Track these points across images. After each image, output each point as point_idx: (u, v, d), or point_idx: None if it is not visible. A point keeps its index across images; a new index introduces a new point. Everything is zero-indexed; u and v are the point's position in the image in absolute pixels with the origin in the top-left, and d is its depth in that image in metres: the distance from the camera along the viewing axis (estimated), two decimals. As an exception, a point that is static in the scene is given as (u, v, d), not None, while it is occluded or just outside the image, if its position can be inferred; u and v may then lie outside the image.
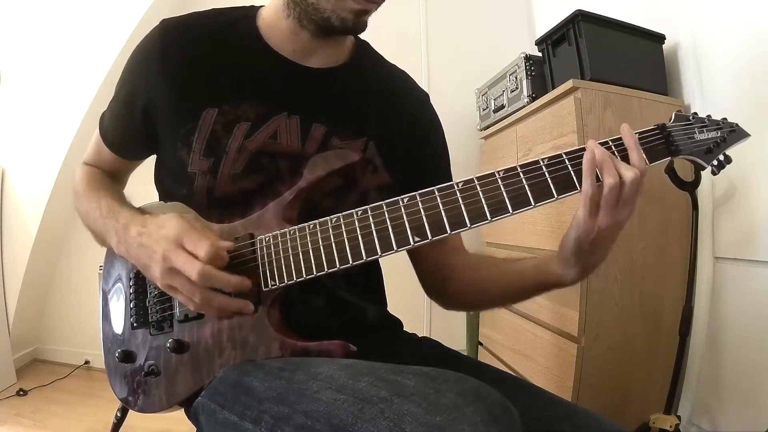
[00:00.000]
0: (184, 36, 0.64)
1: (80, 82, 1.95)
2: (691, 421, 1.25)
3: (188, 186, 0.62)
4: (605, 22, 1.29)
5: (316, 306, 0.65)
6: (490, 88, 1.81)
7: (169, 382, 0.60)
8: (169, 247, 0.53)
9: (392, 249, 0.52)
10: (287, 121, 0.63)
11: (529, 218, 1.40)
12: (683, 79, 1.31)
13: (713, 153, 0.55)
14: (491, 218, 0.50)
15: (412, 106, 0.75)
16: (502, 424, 0.38)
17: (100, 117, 0.73)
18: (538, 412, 0.54)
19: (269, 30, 0.66)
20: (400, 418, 0.37)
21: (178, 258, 0.52)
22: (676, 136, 0.54)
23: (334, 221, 0.54)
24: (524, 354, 1.45)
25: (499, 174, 0.51)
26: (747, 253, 1.13)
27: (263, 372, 0.51)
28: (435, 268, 0.74)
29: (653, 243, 1.22)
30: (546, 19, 1.99)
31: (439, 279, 0.74)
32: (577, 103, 1.17)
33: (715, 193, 1.22)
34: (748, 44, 1.11)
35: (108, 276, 0.71)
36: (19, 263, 2.02)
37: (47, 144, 1.99)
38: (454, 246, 0.74)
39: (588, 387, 1.17)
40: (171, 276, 0.53)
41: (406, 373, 0.43)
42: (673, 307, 1.21)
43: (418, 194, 0.52)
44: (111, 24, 1.93)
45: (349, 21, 0.59)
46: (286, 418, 0.43)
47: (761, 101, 1.06)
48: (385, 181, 0.68)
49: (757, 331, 1.09)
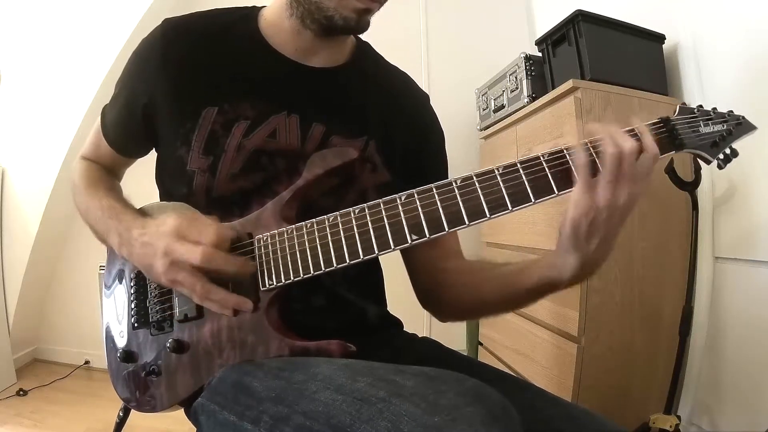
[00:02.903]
0: (185, 35, 0.64)
1: (80, 81, 1.95)
2: (691, 421, 1.25)
3: (187, 184, 0.62)
4: (605, 22, 1.29)
5: (316, 305, 0.65)
6: (490, 88, 1.81)
7: (170, 382, 0.60)
8: (169, 240, 0.53)
9: (390, 247, 0.51)
10: (287, 120, 0.63)
11: (529, 218, 1.40)
12: (683, 79, 1.31)
13: (719, 146, 0.53)
14: (490, 215, 0.49)
15: (412, 106, 0.75)
16: (502, 424, 0.37)
17: (102, 110, 0.73)
18: (538, 412, 0.54)
19: (271, 30, 0.66)
20: (398, 419, 0.37)
21: (179, 248, 0.52)
22: (681, 129, 0.52)
23: (332, 220, 0.54)
24: (524, 354, 1.45)
25: (498, 170, 0.50)
26: (747, 253, 1.13)
27: (262, 372, 0.51)
28: (431, 272, 0.72)
29: (653, 243, 1.22)
30: (546, 19, 1.99)
31: (436, 284, 0.72)
32: (577, 103, 1.17)
33: (715, 193, 1.22)
34: (748, 44, 1.11)
35: (109, 276, 0.71)
36: (19, 263, 2.02)
37: (47, 144, 1.99)
38: (451, 249, 0.72)
39: (588, 387, 1.17)
40: (173, 270, 0.53)
41: (405, 373, 0.43)
42: (673, 307, 1.21)
43: (415, 192, 0.52)
44: (111, 24, 1.93)
45: (352, 20, 0.60)
46: (285, 418, 0.43)
47: (761, 101, 1.06)
48: (384, 181, 0.68)
49: (757, 331, 1.09)
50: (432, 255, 0.71)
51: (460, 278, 0.69)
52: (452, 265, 0.71)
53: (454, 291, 0.70)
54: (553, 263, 0.56)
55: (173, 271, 0.53)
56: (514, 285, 0.61)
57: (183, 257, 0.52)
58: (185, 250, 0.52)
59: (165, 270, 0.54)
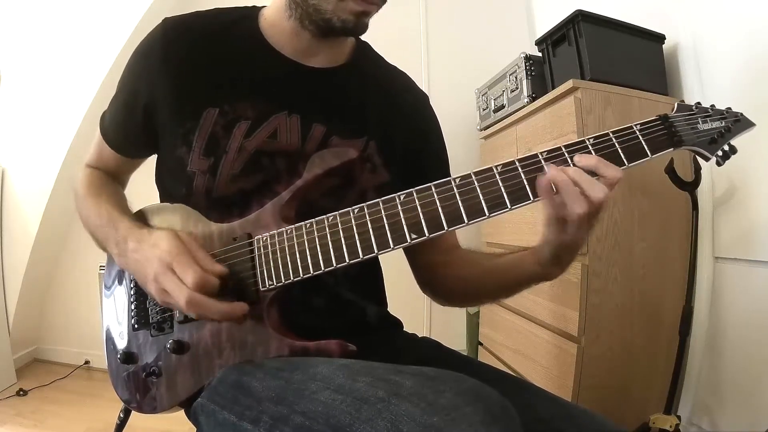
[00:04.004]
0: (185, 35, 0.64)
1: (80, 82, 1.95)
2: (691, 421, 1.25)
3: (188, 185, 0.62)
4: (605, 22, 1.29)
5: (316, 305, 0.65)
6: (490, 88, 1.81)
7: (170, 382, 0.60)
8: (159, 270, 0.53)
9: (389, 247, 0.51)
10: (287, 120, 0.63)
11: (529, 218, 1.40)
12: (683, 79, 1.31)
13: (717, 143, 0.53)
14: (489, 214, 0.49)
15: (412, 106, 0.75)
16: (501, 424, 0.37)
17: (101, 116, 0.73)
18: (537, 412, 0.54)
19: (271, 30, 0.66)
20: (397, 419, 0.37)
21: (167, 282, 0.52)
22: (679, 126, 0.52)
23: (331, 220, 0.54)
24: (524, 354, 1.45)
25: (497, 169, 0.50)
26: (747, 253, 1.13)
27: (262, 372, 0.51)
28: (430, 265, 0.74)
29: (653, 243, 1.22)
30: (546, 19, 1.99)
31: (434, 274, 0.75)
32: (577, 103, 1.17)
33: (715, 193, 1.22)
34: (748, 44, 1.11)
35: (109, 276, 0.71)
36: (19, 263, 2.02)
37: (47, 144, 1.99)
38: (449, 244, 0.74)
39: (588, 387, 1.17)
40: (164, 295, 0.53)
41: (404, 373, 0.43)
42: (673, 307, 1.21)
43: (414, 191, 0.52)
44: (111, 24, 1.93)
45: (350, 22, 0.60)
46: (284, 418, 0.43)
47: (761, 101, 1.06)
48: (384, 181, 0.68)
49: (757, 331, 1.09)
50: (431, 249, 0.73)
51: (458, 271, 0.72)
52: (450, 258, 0.74)
53: (452, 282, 0.73)
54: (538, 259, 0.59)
55: (163, 295, 0.54)
56: (508, 278, 0.65)
57: (171, 292, 0.52)
58: (172, 288, 0.52)
59: (156, 293, 0.54)
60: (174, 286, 0.51)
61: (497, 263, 0.67)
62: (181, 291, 0.51)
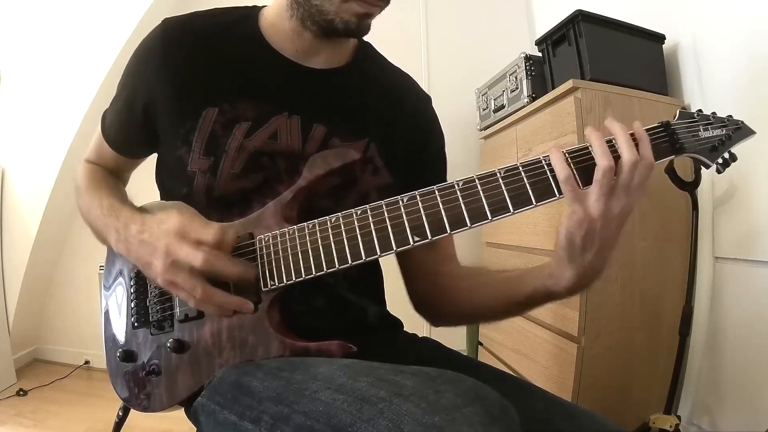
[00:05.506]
0: (185, 35, 0.64)
1: (80, 82, 1.95)
2: (691, 421, 1.25)
3: (188, 185, 0.62)
4: (605, 22, 1.29)
5: (317, 306, 0.64)
6: (490, 88, 1.81)
7: (170, 381, 0.60)
8: (171, 240, 0.53)
9: (392, 249, 0.51)
10: (288, 121, 0.63)
11: (529, 218, 1.40)
12: (683, 79, 1.32)
13: (718, 151, 0.53)
14: (492, 218, 0.50)
15: (413, 107, 0.75)
16: (501, 424, 0.37)
17: (102, 115, 0.73)
18: (537, 412, 0.54)
19: (271, 30, 0.66)
20: (398, 418, 0.37)
21: (181, 249, 0.52)
22: (681, 133, 0.52)
23: (333, 221, 0.54)
24: (524, 354, 1.45)
25: (500, 173, 0.50)
26: (747, 253, 1.13)
27: (263, 372, 0.51)
28: (427, 275, 0.72)
29: (653, 243, 1.22)
30: (546, 19, 1.99)
31: (431, 288, 0.72)
32: (577, 103, 1.17)
33: (715, 193, 1.22)
34: (748, 44, 1.11)
35: (109, 275, 0.71)
36: (19, 263, 2.02)
37: (47, 144, 1.99)
38: (447, 253, 0.72)
39: (588, 387, 1.17)
40: (173, 271, 0.53)
41: (405, 373, 0.43)
42: (673, 307, 1.21)
43: (418, 193, 0.52)
44: (111, 24, 1.93)
45: (352, 24, 0.59)
46: (285, 418, 0.43)
47: (761, 101, 1.06)
48: (385, 182, 0.68)
49: (757, 331, 1.09)
50: (429, 258, 0.71)
51: (456, 282, 0.70)
52: (448, 269, 0.71)
53: (449, 295, 0.70)
54: (551, 273, 0.56)
55: (172, 272, 0.53)
56: (509, 292, 0.62)
57: (184, 259, 0.51)
58: (187, 252, 0.51)
59: (164, 270, 0.53)
60: (188, 251, 0.51)
61: (499, 276, 0.64)
62: (196, 252, 0.51)
